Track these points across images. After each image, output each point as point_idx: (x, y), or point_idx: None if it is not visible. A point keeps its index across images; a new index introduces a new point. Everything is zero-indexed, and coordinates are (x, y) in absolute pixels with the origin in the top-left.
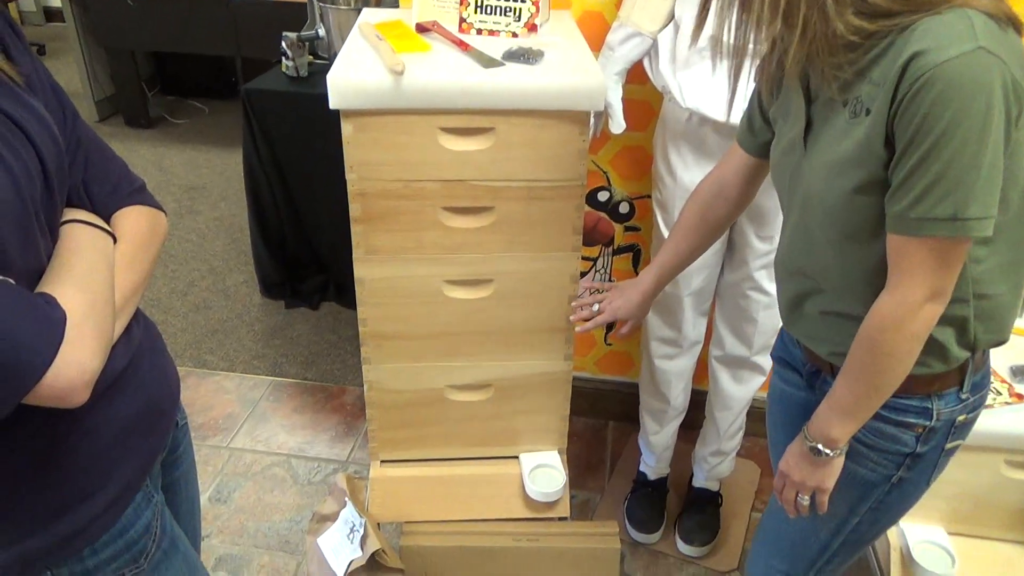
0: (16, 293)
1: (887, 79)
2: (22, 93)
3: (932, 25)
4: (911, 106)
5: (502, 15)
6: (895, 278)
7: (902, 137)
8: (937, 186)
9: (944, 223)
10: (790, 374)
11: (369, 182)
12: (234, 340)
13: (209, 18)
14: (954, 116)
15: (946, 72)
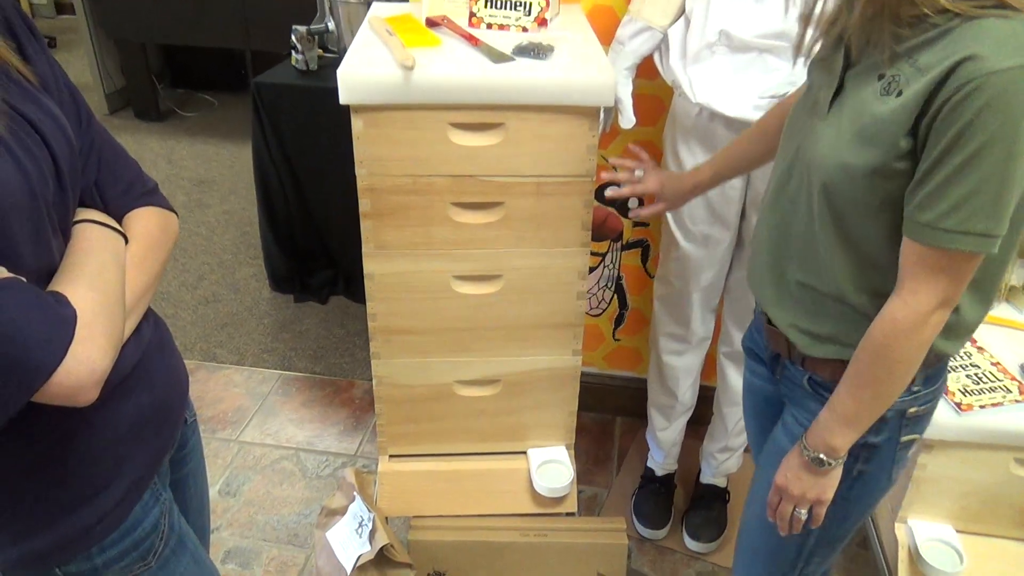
0: (27, 291)
1: (932, 69)
2: (38, 94)
3: (997, 28)
4: (956, 110)
5: (512, 9)
6: (911, 284)
7: (937, 140)
8: (972, 200)
9: (975, 238)
10: (756, 365)
11: (379, 177)
12: (243, 334)
13: (219, 11)
14: (998, 130)
15: (998, 83)
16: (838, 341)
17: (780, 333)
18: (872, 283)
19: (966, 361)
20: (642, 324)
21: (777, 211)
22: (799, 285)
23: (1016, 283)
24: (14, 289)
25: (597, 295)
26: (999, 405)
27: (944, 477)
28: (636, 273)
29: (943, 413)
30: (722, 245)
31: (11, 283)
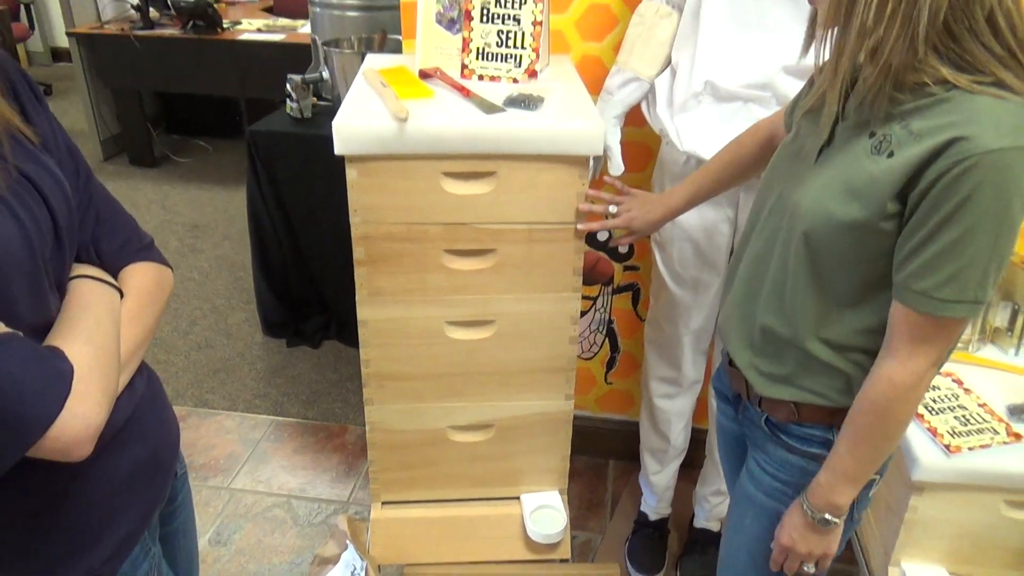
0: (25, 346)
1: (925, 137)
2: (38, 152)
3: (992, 107)
4: (952, 186)
5: (503, 61)
6: (907, 347)
7: (931, 212)
8: (967, 272)
9: (968, 305)
10: (724, 405)
11: (373, 225)
12: (236, 379)
13: (215, 59)
14: (991, 208)
15: (993, 162)
16: (792, 383)
17: (740, 373)
18: (831, 333)
19: (953, 403)
20: (634, 367)
21: (753, 253)
22: (762, 328)
23: (1000, 324)
24: (12, 344)
25: (589, 338)
26: (987, 447)
27: (935, 519)
28: (627, 316)
29: (932, 455)
30: (711, 289)
31: (9, 338)
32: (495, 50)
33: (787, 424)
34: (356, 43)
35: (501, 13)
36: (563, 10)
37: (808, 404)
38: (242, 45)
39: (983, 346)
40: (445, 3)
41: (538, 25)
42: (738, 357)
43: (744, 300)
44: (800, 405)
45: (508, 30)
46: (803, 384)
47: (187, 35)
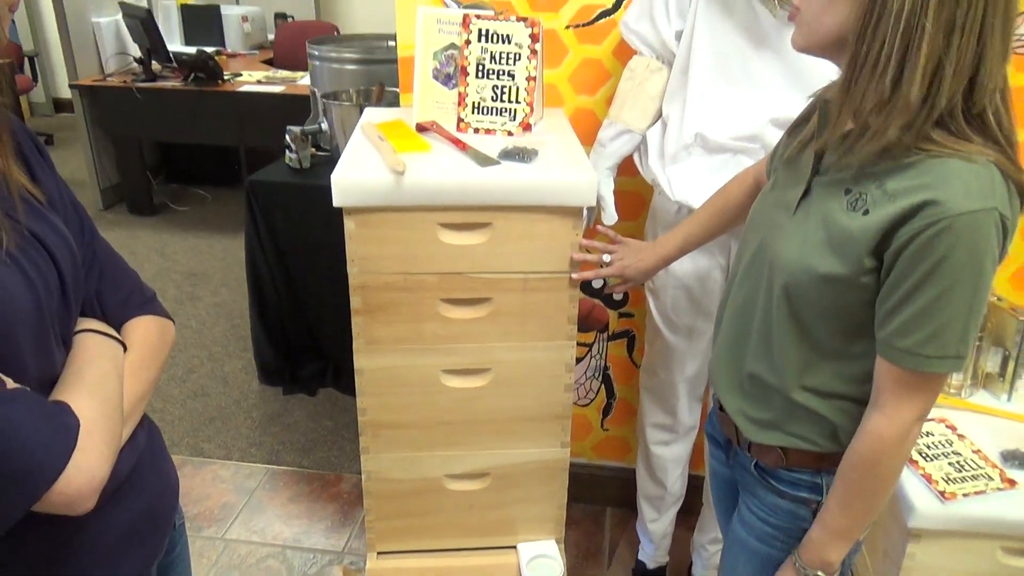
0: (33, 401)
1: (899, 197)
2: (45, 211)
3: (962, 170)
4: (927, 246)
5: (498, 115)
6: (893, 402)
7: (908, 270)
8: (948, 328)
9: (951, 360)
10: (716, 449)
11: (370, 275)
12: (231, 428)
13: (215, 110)
14: (962, 269)
15: (961, 224)
16: (780, 429)
17: (730, 418)
18: (815, 381)
19: (947, 449)
20: (630, 414)
21: (738, 302)
22: (749, 375)
23: (992, 370)
24: (21, 400)
25: (585, 385)
26: (982, 493)
27: (932, 567)
28: (623, 363)
29: (927, 502)
30: (706, 336)
31: (18, 394)
32: (490, 104)
33: (776, 469)
34: (354, 95)
35: (496, 69)
36: (556, 65)
37: (795, 449)
38: (242, 96)
39: (975, 392)
40: (441, 59)
41: (532, 80)
42: (727, 402)
43: (732, 347)
44: (788, 450)
45: (503, 85)
46: (790, 429)
47: (188, 87)
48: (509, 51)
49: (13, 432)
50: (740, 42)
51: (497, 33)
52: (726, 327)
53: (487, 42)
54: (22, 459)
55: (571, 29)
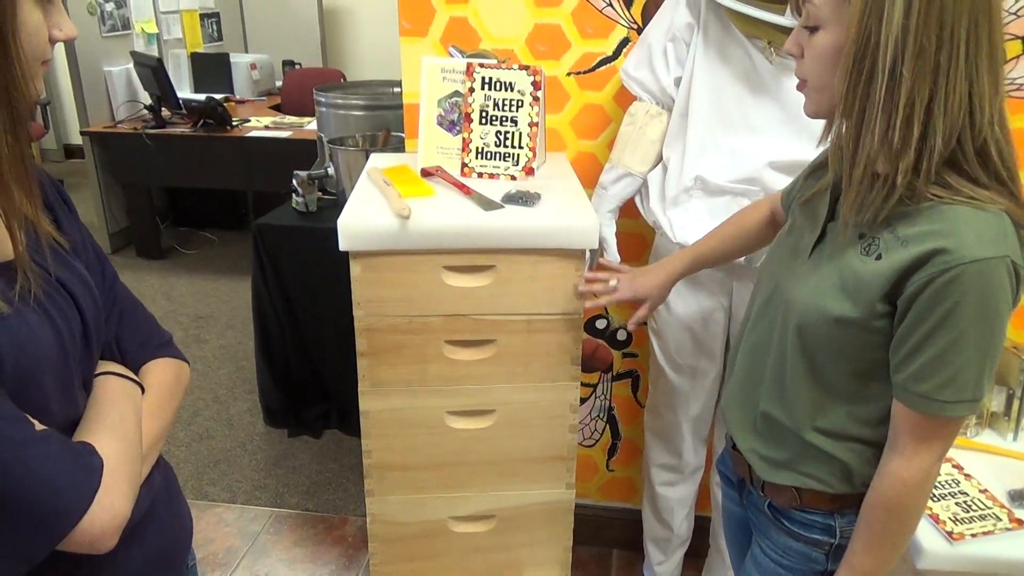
0: (60, 442)
1: (911, 244)
2: (69, 258)
3: (972, 218)
4: (941, 293)
5: (501, 160)
6: (912, 446)
7: (922, 316)
8: (964, 373)
9: (967, 404)
10: (728, 489)
11: (375, 318)
12: (236, 470)
13: (223, 155)
14: (975, 315)
15: (974, 271)
16: (793, 469)
17: (743, 457)
18: (827, 423)
19: (954, 488)
20: (636, 454)
21: (752, 341)
22: (763, 414)
23: (996, 409)
24: (48, 441)
25: (590, 425)
26: (990, 533)
27: None
28: (627, 403)
29: (936, 543)
30: (709, 376)
31: (46, 435)
32: (494, 149)
33: (789, 510)
34: (360, 140)
35: (499, 115)
36: (558, 110)
37: (809, 490)
38: (250, 141)
39: (981, 431)
40: (446, 107)
41: (534, 126)
42: (740, 441)
43: (745, 386)
44: (802, 491)
45: (506, 131)
46: (804, 470)
47: (197, 133)
48: (512, 98)
49: (42, 473)
50: (738, 88)
51: (500, 81)
52: (740, 367)
53: (490, 90)
54: (50, 499)
55: (572, 76)
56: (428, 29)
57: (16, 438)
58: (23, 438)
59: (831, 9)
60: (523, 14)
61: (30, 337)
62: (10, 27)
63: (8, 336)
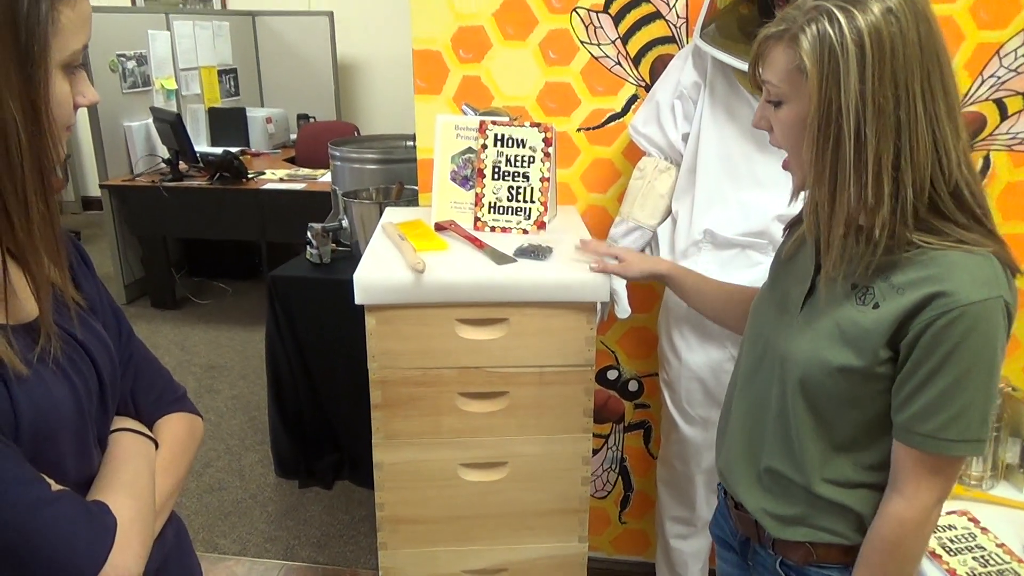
0: (75, 501)
1: (908, 290)
2: (87, 316)
3: (965, 262)
4: (941, 335)
5: (513, 214)
6: (913, 486)
7: (924, 359)
8: (965, 415)
9: (971, 444)
10: (726, 552)
11: (390, 370)
12: (247, 522)
13: (238, 207)
14: (975, 355)
15: (972, 313)
16: (806, 523)
17: (749, 517)
18: (836, 473)
19: (971, 543)
20: (648, 506)
21: (748, 400)
22: (769, 471)
23: (1012, 462)
24: (63, 502)
25: (602, 477)
26: None
27: None
28: (639, 455)
29: None
30: None
31: (62, 495)
32: (506, 204)
33: (804, 567)
34: (374, 193)
35: (511, 171)
36: (569, 165)
37: (824, 544)
38: (265, 194)
39: (996, 484)
40: (459, 163)
41: (546, 181)
42: (747, 501)
43: (746, 447)
44: (816, 545)
45: (518, 186)
46: (817, 523)
47: (213, 185)
48: (524, 154)
49: (56, 533)
50: (744, 144)
51: (512, 138)
52: (737, 428)
53: (503, 146)
54: (64, 559)
55: (582, 132)
56: (442, 87)
57: (31, 500)
58: (38, 499)
59: (789, 85)
60: (534, 73)
61: (48, 398)
62: (43, 101)
63: (27, 397)
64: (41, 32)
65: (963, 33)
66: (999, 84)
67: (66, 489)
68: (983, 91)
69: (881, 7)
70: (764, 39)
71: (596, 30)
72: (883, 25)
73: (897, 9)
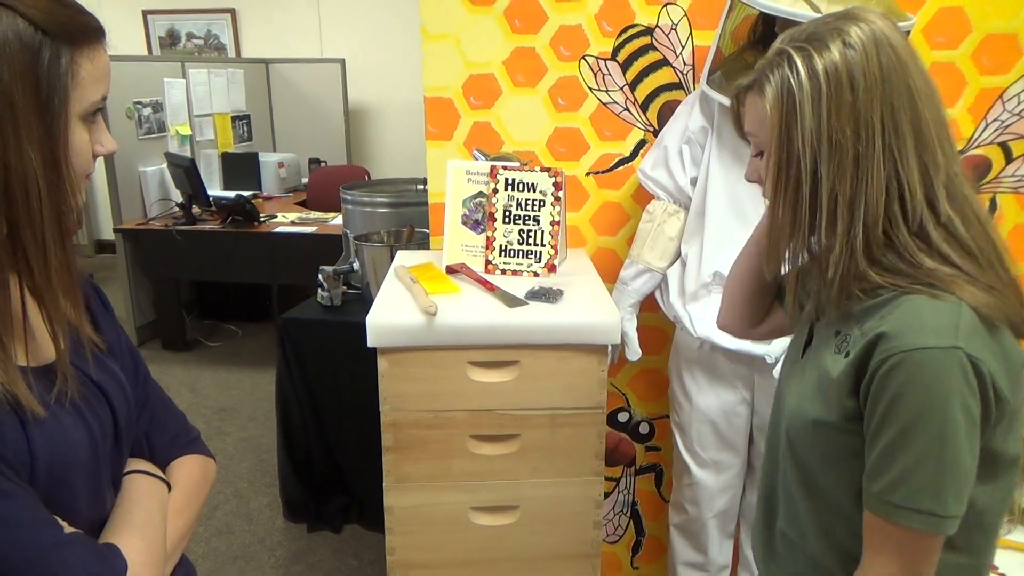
0: (86, 545)
1: (868, 335)
2: (105, 358)
3: (922, 306)
4: (882, 383)
5: (524, 257)
6: (869, 556)
7: (872, 411)
8: (911, 478)
9: (923, 516)
10: None
11: (401, 413)
12: (255, 567)
13: (250, 250)
14: (920, 410)
15: (914, 361)
16: None
17: None
18: (838, 539)
19: None
20: (661, 551)
21: (769, 459)
22: (782, 535)
23: None
24: (76, 544)
25: (613, 520)
26: None
27: None
28: (651, 498)
29: None
30: (732, 470)
31: (74, 538)
32: (517, 247)
33: None
34: (385, 236)
35: (522, 214)
36: (578, 208)
37: None
38: (276, 237)
39: (1013, 528)
40: (470, 207)
41: (556, 224)
42: (762, 570)
43: (767, 510)
44: None
45: (529, 229)
46: None
47: (226, 228)
48: (534, 198)
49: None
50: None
51: (523, 182)
52: (760, 485)
53: (513, 190)
54: None
55: (591, 176)
56: (453, 133)
57: (44, 542)
58: (51, 542)
59: (765, 134)
60: (544, 119)
61: (64, 439)
62: (63, 151)
63: (44, 438)
64: (61, 85)
65: (966, 79)
66: (1003, 128)
67: (78, 532)
68: (987, 135)
69: (839, 44)
70: (739, 93)
71: (604, 77)
72: (839, 60)
73: (855, 41)
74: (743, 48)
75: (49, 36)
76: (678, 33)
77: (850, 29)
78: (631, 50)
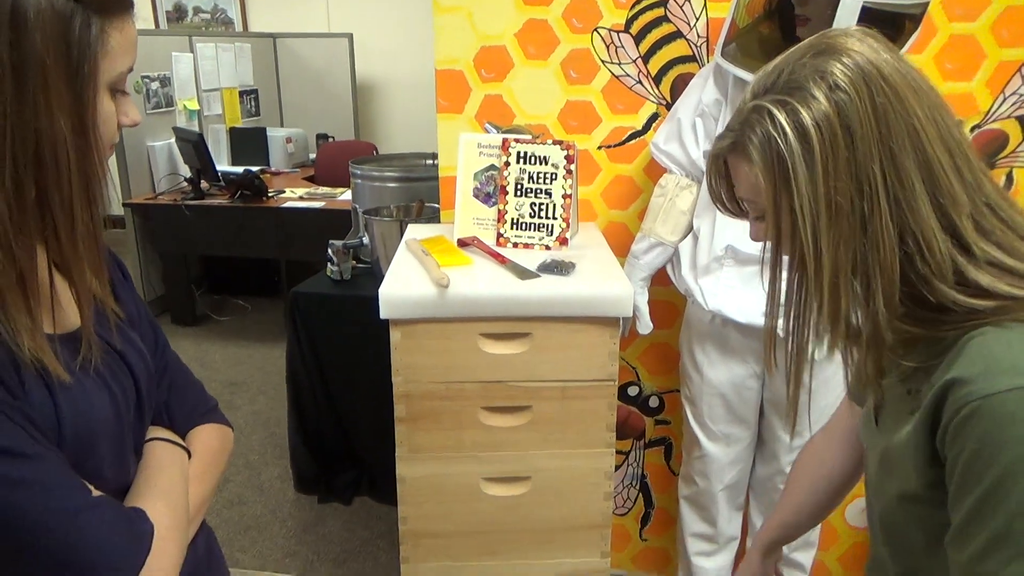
0: (114, 507)
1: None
2: (126, 328)
3: (991, 343)
4: (957, 438)
5: (536, 230)
6: None
7: (952, 470)
8: (1003, 545)
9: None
10: None
11: (413, 384)
12: (266, 537)
13: (259, 225)
14: (1011, 463)
15: (994, 407)
16: None
17: None
18: None
19: None
20: (669, 523)
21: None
22: None
23: None
24: (103, 507)
25: (622, 493)
26: None
27: None
28: (660, 471)
29: None
30: (742, 443)
31: (101, 501)
32: (528, 220)
33: None
34: (395, 211)
35: (534, 187)
36: (590, 182)
37: None
38: (285, 212)
39: None
40: (481, 180)
41: (568, 198)
42: None
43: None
44: None
45: (540, 202)
46: None
47: (234, 203)
48: (546, 171)
49: (96, 538)
50: None
51: (535, 155)
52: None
53: (525, 163)
54: (104, 564)
55: (603, 149)
56: (464, 106)
57: (73, 505)
58: (80, 505)
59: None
60: (556, 92)
61: (89, 405)
62: (91, 118)
63: (70, 405)
64: (91, 53)
65: (985, 52)
66: (1021, 102)
67: (105, 496)
68: (1005, 108)
69: (825, 90)
70: (717, 156)
71: (617, 49)
72: (829, 109)
73: (842, 82)
74: (758, 20)
75: (81, 4)
76: (692, 5)
77: (832, 68)
78: (644, 22)
